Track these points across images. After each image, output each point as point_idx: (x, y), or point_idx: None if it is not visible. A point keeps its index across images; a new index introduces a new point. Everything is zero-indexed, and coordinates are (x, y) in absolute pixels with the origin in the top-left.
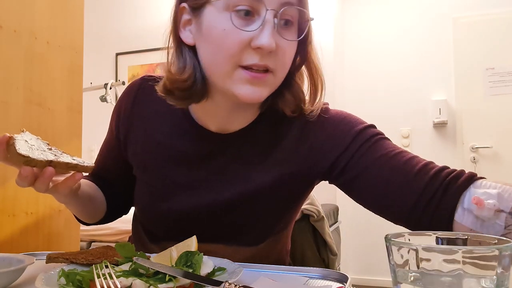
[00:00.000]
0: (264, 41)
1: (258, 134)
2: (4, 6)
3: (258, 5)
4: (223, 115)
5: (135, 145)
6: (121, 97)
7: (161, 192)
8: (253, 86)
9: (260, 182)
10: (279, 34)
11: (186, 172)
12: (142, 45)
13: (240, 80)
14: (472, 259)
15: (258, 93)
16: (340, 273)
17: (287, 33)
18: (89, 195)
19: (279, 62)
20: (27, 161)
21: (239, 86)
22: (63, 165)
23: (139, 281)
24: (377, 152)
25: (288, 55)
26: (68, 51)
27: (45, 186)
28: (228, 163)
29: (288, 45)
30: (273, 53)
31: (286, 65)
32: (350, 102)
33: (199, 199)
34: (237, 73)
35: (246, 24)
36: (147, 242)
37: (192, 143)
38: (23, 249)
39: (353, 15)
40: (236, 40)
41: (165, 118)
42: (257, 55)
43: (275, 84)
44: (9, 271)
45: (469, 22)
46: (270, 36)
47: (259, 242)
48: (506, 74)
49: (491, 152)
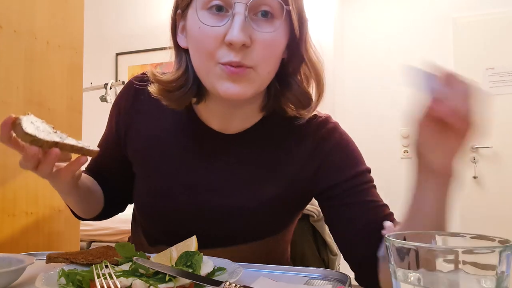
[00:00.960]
0: (233, 35)
1: (263, 138)
2: (4, 6)
3: (229, 0)
4: (223, 115)
5: (136, 141)
6: (121, 93)
7: (161, 190)
8: (233, 83)
9: (263, 191)
10: (253, 27)
11: (187, 170)
12: (142, 45)
13: (220, 76)
14: (472, 259)
15: (239, 90)
16: (340, 273)
17: (265, 25)
18: (88, 188)
19: (259, 56)
20: (33, 141)
21: (220, 83)
22: (69, 147)
23: (139, 281)
24: (365, 196)
25: (270, 49)
26: (68, 51)
27: (50, 168)
28: (230, 164)
29: (267, 37)
30: (250, 48)
31: (267, 59)
32: (350, 102)
33: (199, 198)
34: (216, 70)
35: (218, 20)
36: (146, 246)
37: (194, 141)
38: (23, 249)
39: (353, 15)
40: (210, 37)
41: (167, 115)
42: (231, 51)
43: (260, 80)
44: (9, 271)
45: (469, 22)
46: (239, 30)
47: (257, 239)
48: (506, 74)
49: (491, 152)
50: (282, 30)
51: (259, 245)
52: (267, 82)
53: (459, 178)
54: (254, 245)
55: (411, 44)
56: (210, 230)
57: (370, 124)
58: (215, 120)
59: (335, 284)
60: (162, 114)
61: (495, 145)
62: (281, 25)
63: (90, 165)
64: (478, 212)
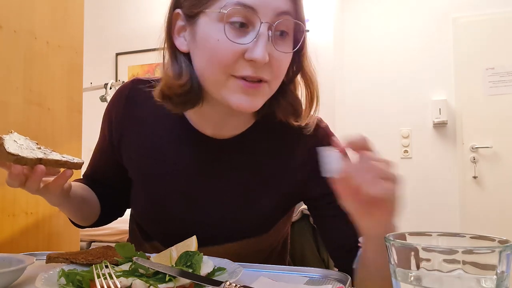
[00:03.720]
0: (258, 54)
1: (256, 143)
2: (4, 6)
3: (252, 17)
4: (217, 120)
5: (130, 149)
6: (112, 101)
7: (156, 196)
8: (247, 95)
9: (257, 196)
10: (274, 46)
11: (182, 176)
12: (142, 45)
13: (234, 89)
14: (472, 259)
15: (252, 103)
16: (340, 273)
17: (282, 44)
18: (82, 197)
19: (274, 73)
20: (17, 160)
21: (233, 95)
22: (53, 162)
23: (139, 281)
24: None
25: (283, 66)
26: (68, 51)
27: (37, 184)
28: (224, 170)
29: (283, 56)
30: (267, 65)
31: (280, 76)
32: (350, 102)
33: (194, 204)
34: (231, 83)
35: (240, 36)
36: (142, 241)
37: (188, 148)
38: (23, 249)
39: (353, 15)
40: (229, 51)
41: (160, 122)
42: (250, 67)
43: (270, 93)
44: (9, 271)
45: (469, 22)
46: (263, 50)
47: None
48: (506, 74)
49: (491, 152)
50: (291, 46)
51: (247, 243)
52: (272, 94)
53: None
54: (244, 243)
55: (411, 44)
56: (205, 233)
57: (370, 124)
58: (208, 126)
59: (335, 284)
60: (156, 121)
61: (495, 145)
62: (292, 43)
63: (86, 172)
64: (478, 212)
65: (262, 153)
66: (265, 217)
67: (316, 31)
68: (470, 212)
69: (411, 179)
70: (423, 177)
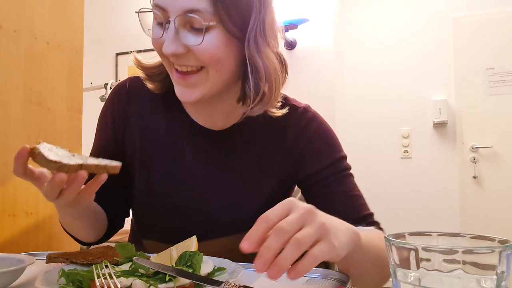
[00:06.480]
0: (164, 47)
1: (249, 132)
2: (4, 6)
3: (165, 16)
4: (204, 111)
5: (133, 142)
6: (110, 99)
7: (158, 188)
8: (182, 87)
9: (256, 183)
10: (182, 40)
11: (182, 167)
12: (142, 45)
13: (175, 80)
14: (472, 259)
15: (188, 94)
16: (340, 273)
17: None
18: (95, 207)
19: (203, 59)
20: (60, 167)
21: (175, 86)
22: (93, 167)
23: (139, 281)
24: (341, 186)
25: (210, 53)
26: (68, 51)
27: (76, 192)
28: (223, 159)
29: (201, 46)
30: (189, 54)
31: (214, 61)
32: (350, 102)
33: (195, 194)
34: (172, 72)
35: (160, 31)
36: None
37: (187, 139)
38: (23, 249)
39: (353, 15)
40: (156, 45)
41: (159, 115)
42: (172, 59)
43: (210, 81)
44: (9, 271)
45: (469, 22)
46: (168, 43)
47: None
48: (506, 74)
49: (491, 152)
50: (217, 36)
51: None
52: (221, 81)
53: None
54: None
55: (411, 44)
56: (206, 224)
57: (370, 124)
58: (200, 116)
59: (335, 284)
60: (154, 114)
61: (495, 145)
62: (216, 32)
63: None
64: (478, 212)
65: (257, 140)
66: (265, 203)
67: (316, 31)
68: (470, 212)
69: (411, 179)
70: (423, 177)
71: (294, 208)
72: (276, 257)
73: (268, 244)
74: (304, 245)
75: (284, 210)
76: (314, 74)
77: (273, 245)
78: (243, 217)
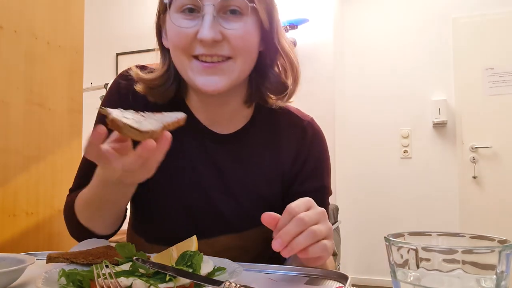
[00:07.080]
0: (202, 33)
1: (255, 135)
2: (4, 6)
3: (198, 2)
4: (210, 111)
5: None
6: (111, 94)
7: (160, 187)
8: (208, 75)
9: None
10: (223, 25)
11: (187, 168)
12: (142, 45)
13: (197, 70)
14: (471, 259)
15: (214, 82)
16: (340, 273)
17: (234, 21)
18: None
19: (236, 47)
20: (151, 135)
21: (197, 77)
22: (171, 125)
23: (139, 281)
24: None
25: (241, 41)
26: (68, 51)
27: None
28: (228, 161)
29: (238, 32)
30: (225, 41)
31: (243, 51)
32: (350, 102)
33: (199, 195)
34: (193, 64)
35: (190, 21)
36: (143, 243)
37: (192, 141)
38: (24, 249)
39: (353, 15)
40: (184, 35)
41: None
42: (203, 47)
43: (238, 70)
44: (9, 271)
45: (469, 22)
46: (207, 29)
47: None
48: (506, 74)
49: (490, 152)
50: (252, 24)
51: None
52: (244, 72)
53: None
54: (251, 232)
55: (411, 44)
56: (211, 223)
57: (370, 124)
58: (204, 117)
59: (335, 284)
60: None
61: (494, 145)
62: (250, 20)
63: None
64: (477, 212)
65: (261, 144)
66: (267, 204)
67: (316, 31)
68: (469, 212)
69: (411, 179)
70: (423, 177)
71: (314, 206)
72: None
73: (288, 230)
74: (316, 237)
75: (306, 206)
76: (314, 74)
77: (292, 230)
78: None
